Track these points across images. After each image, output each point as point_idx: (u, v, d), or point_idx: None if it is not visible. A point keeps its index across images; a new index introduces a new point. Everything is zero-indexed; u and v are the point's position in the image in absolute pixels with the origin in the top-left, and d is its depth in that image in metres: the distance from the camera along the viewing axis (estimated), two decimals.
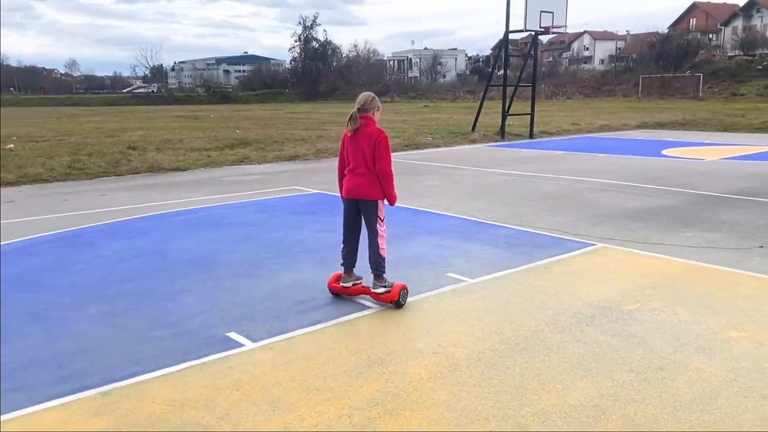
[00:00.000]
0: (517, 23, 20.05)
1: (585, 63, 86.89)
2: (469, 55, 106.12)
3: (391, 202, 5.17)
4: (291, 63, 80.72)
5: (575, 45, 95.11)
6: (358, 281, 5.28)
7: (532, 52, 21.93)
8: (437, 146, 18.80)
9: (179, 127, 26.15)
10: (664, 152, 16.10)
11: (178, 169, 13.80)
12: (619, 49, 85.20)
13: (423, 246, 6.85)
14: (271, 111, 44.64)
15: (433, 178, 12.04)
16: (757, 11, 72.18)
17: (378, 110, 5.17)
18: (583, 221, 8.02)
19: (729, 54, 65.13)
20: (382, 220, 5.14)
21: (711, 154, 15.45)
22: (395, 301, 4.98)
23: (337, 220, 7.04)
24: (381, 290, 5.06)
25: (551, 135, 22.19)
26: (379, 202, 5.10)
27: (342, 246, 5.31)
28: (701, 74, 54.76)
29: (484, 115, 24.71)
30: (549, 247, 6.75)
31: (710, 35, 74.64)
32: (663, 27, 76.45)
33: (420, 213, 8.70)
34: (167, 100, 67.91)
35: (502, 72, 22.09)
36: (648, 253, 6.44)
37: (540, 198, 9.72)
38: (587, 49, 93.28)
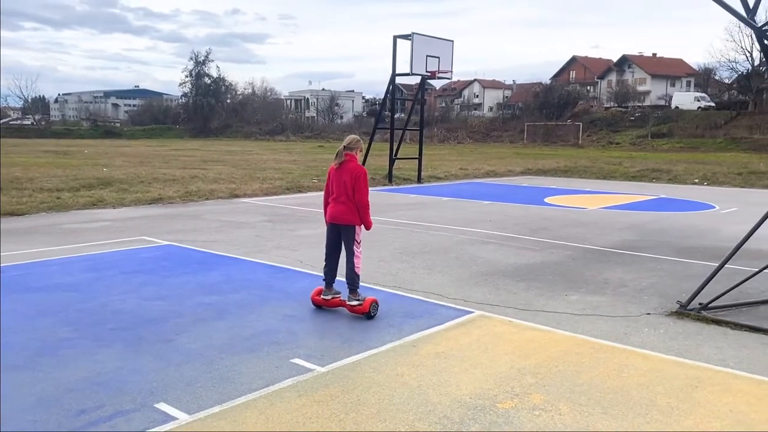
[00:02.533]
0: (406, 67, 19.71)
1: (475, 110, 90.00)
2: (366, 97, 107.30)
3: (368, 227, 5.96)
4: (182, 98, 77.76)
5: (466, 92, 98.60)
6: (337, 295, 6.01)
7: (420, 96, 21.64)
8: (322, 190, 17.76)
9: (40, 164, 23.58)
10: (546, 200, 15.98)
11: (13, 214, 11.84)
12: (507, 97, 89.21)
13: (272, 318, 5.70)
14: (154, 147, 42.13)
15: (307, 227, 10.96)
16: (629, 67, 78.11)
17: (360, 150, 6.04)
18: (462, 281, 7.21)
19: (605, 105, 69.61)
20: (359, 243, 5.95)
21: (592, 202, 15.47)
22: (366, 312, 5.74)
23: (179, 280, 6.58)
24: (354, 303, 5.83)
25: (439, 179, 21.87)
26: (357, 227, 5.90)
27: (324, 264, 6.06)
28: (581, 123, 57.92)
29: (375, 157, 24.12)
30: (421, 317, 5.81)
31: (588, 87, 79.77)
32: (546, 78, 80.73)
33: (280, 271, 7.57)
34: (43, 134, 62.96)
35: (397, 115, 21.58)
36: (529, 324, 5.65)
37: (419, 252, 8.88)
38: (477, 96, 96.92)
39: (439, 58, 19.64)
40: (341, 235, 5.95)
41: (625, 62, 78.84)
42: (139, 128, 71.35)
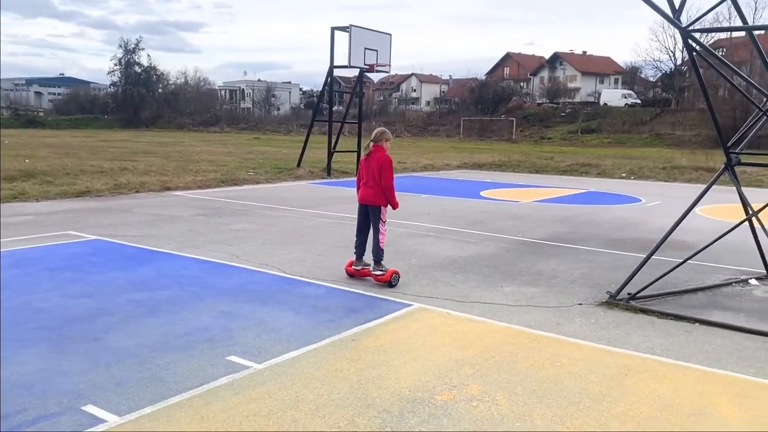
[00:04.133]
0: (345, 60, 19.57)
1: (413, 104, 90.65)
2: (304, 89, 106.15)
3: (394, 207, 7.06)
4: (111, 88, 74.71)
5: (404, 86, 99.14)
6: (367, 266, 6.90)
7: (358, 89, 21.57)
8: (258, 182, 17.50)
9: None
10: (482, 193, 16.26)
11: None
12: (443, 92, 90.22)
13: (206, 315, 5.54)
14: (81, 138, 40.33)
15: (243, 221, 10.73)
16: (560, 64, 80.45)
17: (387, 141, 6.96)
18: (402, 274, 7.22)
19: (538, 101, 71.47)
20: (384, 222, 6.96)
21: (525, 196, 15.84)
22: (387, 281, 6.64)
23: (107, 277, 6.60)
24: (378, 273, 6.75)
25: None
26: (382, 208, 6.93)
27: (355, 239, 7.05)
28: (514, 118, 59.27)
29: (314, 150, 23.89)
30: (361, 311, 5.79)
31: (522, 83, 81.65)
32: (481, 74, 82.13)
33: (215, 267, 7.37)
34: None
35: (335, 108, 21.40)
36: (466, 315, 5.72)
37: None
38: (415, 90, 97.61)
39: (377, 51, 19.63)
40: (369, 215, 6.98)
41: (556, 59, 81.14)
42: (65, 118, 68.01)
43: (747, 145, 6.81)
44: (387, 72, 21.22)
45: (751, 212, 6.68)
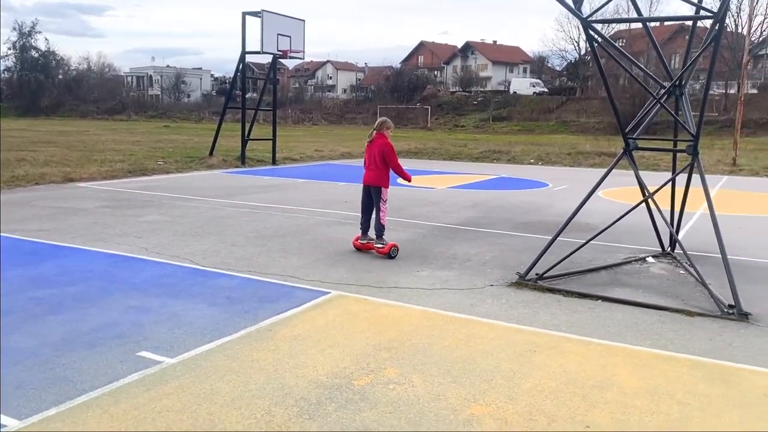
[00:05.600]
0: (257, 46, 19.15)
1: (329, 91, 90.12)
2: (215, 75, 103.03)
3: (408, 180, 8.04)
4: (5, 73, 69.71)
5: (319, 73, 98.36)
6: (371, 240, 7.70)
7: (272, 76, 21.19)
8: (168, 172, 16.89)
9: None
10: (399, 181, 16.38)
11: None
12: (359, 80, 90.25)
13: (114, 311, 5.33)
14: None
15: (153, 212, 10.35)
16: (472, 53, 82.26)
17: (388, 129, 7.82)
18: (319, 262, 7.22)
19: (451, 90, 72.86)
20: (385, 201, 7.71)
21: (440, 182, 16.16)
22: (387, 253, 7.42)
23: (6, 275, 5.17)
24: (379, 246, 7.53)
25: (295, 161, 21.67)
26: (383, 188, 7.68)
27: (360, 216, 7.89)
28: (429, 107, 60.16)
29: (227, 139, 23.33)
30: (277, 300, 5.74)
31: (435, 72, 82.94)
32: (396, 62, 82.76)
33: (124, 260, 7.08)
34: None
35: (249, 95, 20.91)
36: (384, 301, 5.80)
37: (274, 235, 8.75)
38: (330, 78, 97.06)
39: (290, 37, 19.34)
40: (372, 195, 7.71)
41: (468, 49, 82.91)
42: None
43: (643, 131, 7.24)
44: (301, 59, 20.97)
45: (647, 194, 7.11)
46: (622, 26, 58.13)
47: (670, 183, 7.69)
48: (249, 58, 22.19)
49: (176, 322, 5.09)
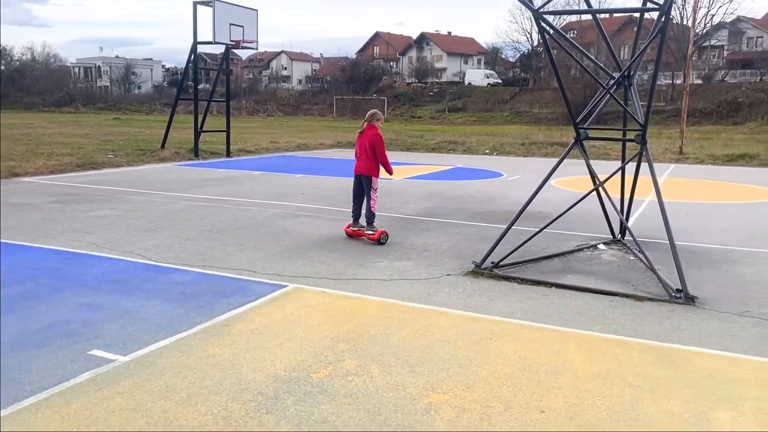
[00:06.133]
0: (209, 36, 18.76)
1: (284, 82, 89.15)
2: (167, 66, 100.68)
3: (390, 173, 8.14)
4: None
5: (274, 64, 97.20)
6: (362, 228, 8.02)
7: (225, 66, 20.81)
8: (119, 166, 16.46)
9: None
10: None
11: None
12: (315, 70, 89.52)
13: (64, 309, 5.17)
14: None
15: (103, 207, 10.07)
16: (427, 44, 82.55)
17: (378, 120, 8.13)
18: (276, 255, 7.15)
19: (407, 81, 73.00)
20: (375, 190, 7.97)
21: (397, 173, 16.10)
22: (377, 240, 7.76)
23: None
24: (369, 232, 7.86)
25: (250, 153, 21.38)
26: (373, 177, 7.94)
27: (352, 204, 8.16)
28: (386, 98, 60.15)
29: (179, 131, 22.82)
30: (233, 295, 5.66)
31: (391, 63, 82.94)
32: (352, 53, 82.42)
33: (73, 257, 6.88)
34: None
35: (202, 86, 20.47)
36: (342, 293, 5.79)
37: (229, 228, 8.62)
38: (285, 68, 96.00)
39: (243, 27, 19.02)
40: (362, 184, 7.99)
41: (423, 40, 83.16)
42: None
43: (594, 121, 7.40)
44: (254, 49, 20.66)
45: (598, 183, 7.28)
46: (573, 18, 59.22)
47: (620, 171, 7.89)
48: (201, 49, 21.78)
49: (129, 319, 4.98)
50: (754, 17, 60.44)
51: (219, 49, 20.43)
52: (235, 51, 21.83)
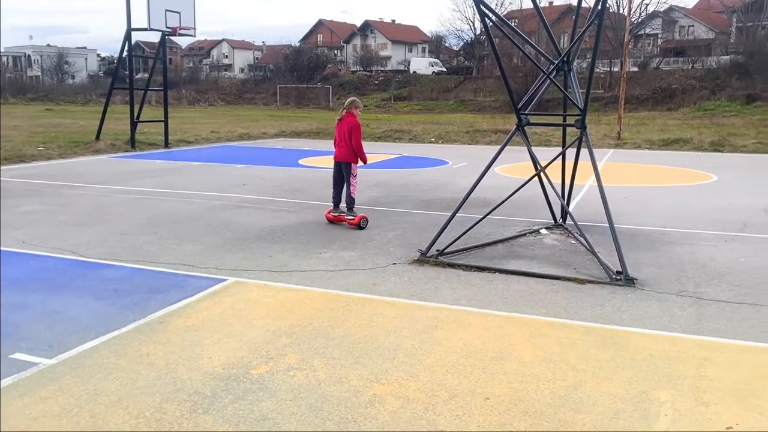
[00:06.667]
0: (145, 22, 18.06)
1: (226, 70, 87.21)
2: (102, 55, 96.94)
3: (364, 161, 8.24)
4: None
5: (215, 52, 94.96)
6: (342, 213, 8.18)
7: (161, 54, 20.11)
8: (50, 158, 15.70)
9: None
10: (301, 161, 16.18)
11: None
12: (257, 59, 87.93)
13: None
14: None
15: (32, 202, 9.55)
16: (371, 32, 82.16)
17: (357, 108, 8.26)
18: (216, 248, 6.92)
19: (352, 69, 72.53)
20: (354, 176, 8.12)
21: None
22: (357, 224, 7.92)
23: None
24: (349, 218, 8.04)
25: (189, 144, 20.77)
26: (352, 164, 8.08)
27: (332, 191, 8.28)
28: (330, 86, 59.61)
29: (115, 122, 22.00)
30: (169, 291, 5.43)
31: (336, 51, 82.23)
32: (295, 40, 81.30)
33: None
34: None
35: (140, 75, 19.69)
36: (285, 285, 5.64)
37: (167, 221, 8.31)
38: (227, 56, 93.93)
39: (179, 13, 18.38)
40: (342, 170, 8.15)
41: (367, 27, 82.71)
42: None
43: (535, 107, 7.43)
44: (192, 36, 20.00)
45: (539, 168, 7.33)
46: (515, 6, 60.00)
47: (561, 157, 7.97)
48: (139, 36, 21.00)
49: (56, 319, 4.70)
50: (686, 6, 62.72)
51: (158, 37, 19.69)
52: (174, 39, 21.15)
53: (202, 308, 5.00)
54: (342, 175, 8.21)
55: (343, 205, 8.26)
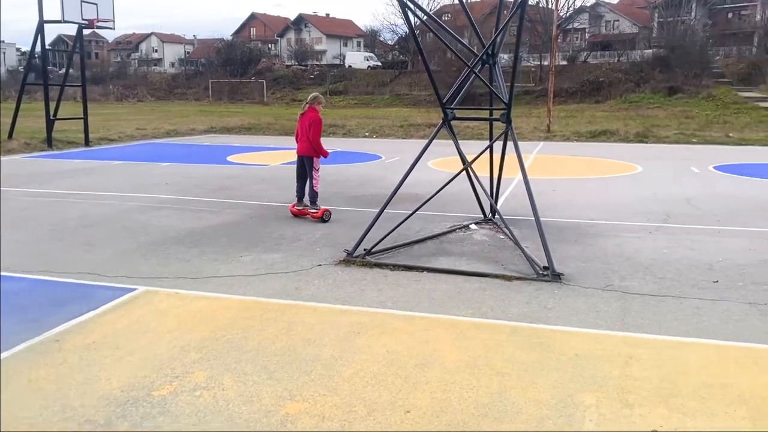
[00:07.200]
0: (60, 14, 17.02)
1: (155, 65, 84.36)
2: (22, 49, 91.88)
3: (325, 156, 8.29)
4: None
5: (143, 46, 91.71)
6: (305, 206, 8.31)
7: (77, 48, 19.04)
8: None
9: None
10: (229, 158, 15.64)
11: None
12: (188, 53, 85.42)
13: None
14: None
15: None
16: (306, 26, 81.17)
17: (320, 104, 8.35)
18: (128, 254, 6.47)
19: (287, 63, 71.42)
20: (317, 170, 8.25)
21: (274, 159, 15.61)
22: (320, 218, 8.05)
23: None
24: (312, 211, 8.17)
25: (112, 142, 19.81)
26: (315, 158, 8.21)
27: (296, 185, 8.42)
28: (264, 81, 58.48)
29: (34, 119, 20.74)
30: (71, 303, 4.99)
31: (269, 45, 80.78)
32: (227, 34, 79.37)
33: None
34: None
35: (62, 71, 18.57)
36: (199, 293, 5.28)
37: (78, 226, 7.76)
38: (156, 51, 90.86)
39: (96, 4, 17.43)
40: (305, 165, 8.27)
41: (302, 21, 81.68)
42: None
43: (461, 101, 7.30)
44: (111, 28, 19.02)
45: (466, 163, 7.21)
46: (447, 1, 60.45)
47: (489, 151, 7.88)
48: (62, 31, 19.80)
49: None
50: (611, 2, 64.72)
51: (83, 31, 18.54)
52: (101, 33, 20.15)
53: (106, 322, 4.60)
54: (305, 169, 8.33)
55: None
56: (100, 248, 6.71)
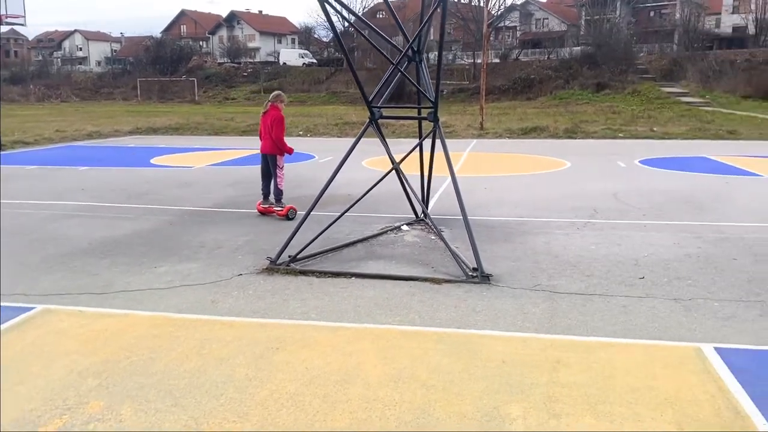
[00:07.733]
0: None
1: (80, 64, 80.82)
2: None
3: (289, 153, 8.49)
4: None
5: (67, 44, 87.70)
6: (271, 204, 8.41)
7: None
8: None
9: None
10: (153, 161, 14.95)
11: None
12: (115, 51, 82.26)
13: None
14: None
15: None
16: (238, 23, 79.50)
17: (282, 102, 8.56)
18: (29, 269, 5.95)
19: (219, 61, 69.78)
20: (281, 168, 8.39)
21: (199, 160, 15.01)
22: (285, 215, 8.10)
23: None
24: (278, 209, 8.29)
25: (27, 145, 18.64)
26: (278, 156, 8.35)
27: (261, 183, 8.54)
28: (195, 79, 56.88)
29: None
30: None
31: (201, 42, 78.74)
32: (156, 32, 76.80)
33: None
34: None
35: None
36: (105, 310, 4.87)
37: None
38: (80, 49, 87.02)
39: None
40: (269, 163, 8.30)
41: (234, 18, 79.96)
42: None
43: (387, 100, 7.10)
44: (21, 24, 17.94)
45: (395, 163, 7.01)
46: None
47: (418, 150, 7.72)
48: None
49: None
50: (540, 0, 66.23)
51: (4, 27, 17.43)
52: (20, 31, 18.90)
53: None
54: (269, 167, 8.36)
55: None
56: None
